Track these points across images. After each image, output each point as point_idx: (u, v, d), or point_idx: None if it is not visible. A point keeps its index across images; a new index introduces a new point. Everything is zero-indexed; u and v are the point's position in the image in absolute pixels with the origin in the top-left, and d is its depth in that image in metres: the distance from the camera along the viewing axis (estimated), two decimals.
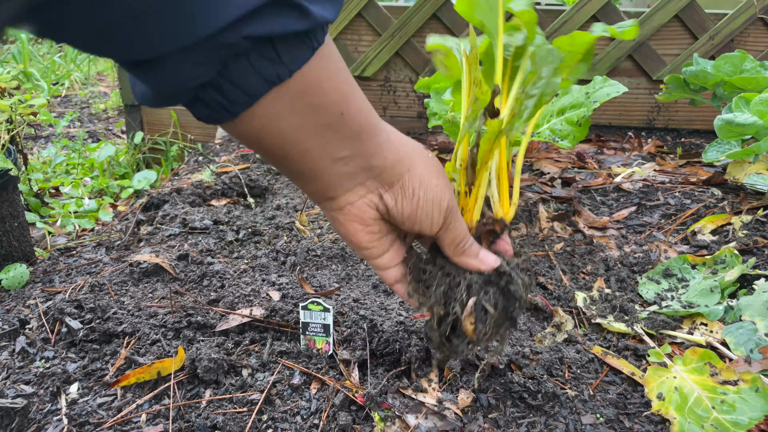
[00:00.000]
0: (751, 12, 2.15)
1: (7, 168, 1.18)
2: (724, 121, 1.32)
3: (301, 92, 0.44)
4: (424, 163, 0.57)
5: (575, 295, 1.06)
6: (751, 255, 1.16)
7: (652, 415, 0.78)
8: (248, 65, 0.40)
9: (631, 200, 1.54)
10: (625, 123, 2.39)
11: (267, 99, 0.43)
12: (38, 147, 2.61)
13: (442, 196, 0.57)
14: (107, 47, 0.38)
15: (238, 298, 1.01)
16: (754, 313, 0.93)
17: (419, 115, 2.44)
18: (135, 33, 0.36)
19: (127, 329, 0.93)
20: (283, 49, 0.41)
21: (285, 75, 0.42)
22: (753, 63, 1.61)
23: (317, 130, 0.48)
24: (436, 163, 0.59)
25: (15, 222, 1.26)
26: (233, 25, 0.37)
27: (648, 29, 2.21)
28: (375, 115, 0.53)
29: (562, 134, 1.31)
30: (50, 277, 1.20)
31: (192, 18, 0.36)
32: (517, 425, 0.76)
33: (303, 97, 0.45)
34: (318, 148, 0.49)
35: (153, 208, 1.54)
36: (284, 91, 0.43)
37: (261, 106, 0.43)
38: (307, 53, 0.43)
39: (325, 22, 0.42)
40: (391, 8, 2.32)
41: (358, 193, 0.55)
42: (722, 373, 0.80)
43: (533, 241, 1.30)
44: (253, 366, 0.85)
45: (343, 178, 0.53)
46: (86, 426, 0.75)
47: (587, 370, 0.87)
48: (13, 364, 0.89)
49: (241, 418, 0.76)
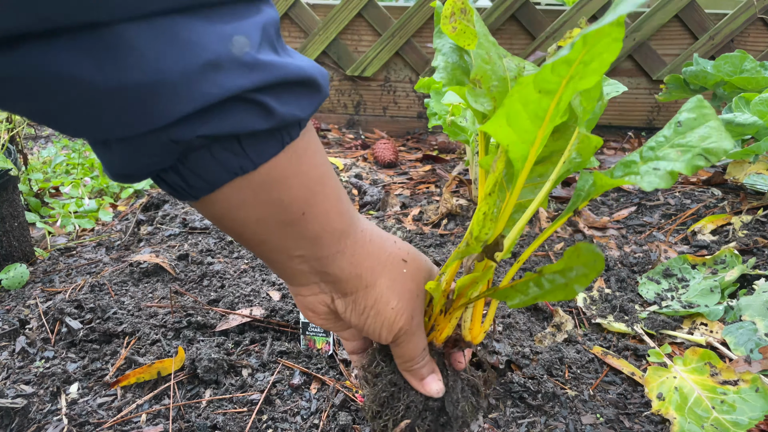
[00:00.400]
0: (751, 12, 2.15)
1: (7, 168, 1.18)
2: (724, 121, 1.32)
3: (265, 185, 0.42)
4: (389, 281, 0.54)
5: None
6: (751, 255, 1.16)
7: (652, 415, 0.78)
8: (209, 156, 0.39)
9: (631, 200, 1.54)
10: (625, 123, 2.39)
11: (229, 187, 0.41)
12: (38, 147, 2.61)
13: (395, 320, 0.55)
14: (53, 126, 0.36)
15: (238, 298, 1.01)
16: (754, 313, 0.93)
17: (419, 115, 2.44)
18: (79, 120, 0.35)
19: (127, 329, 0.93)
20: (248, 143, 0.39)
21: (249, 167, 0.40)
22: (753, 63, 1.61)
23: (277, 226, 0.46)
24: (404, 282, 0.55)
25: (15, 222, 1.26)
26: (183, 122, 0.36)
27: (648, 29, 2.20)
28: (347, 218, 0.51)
29: None
30: (50, 277, 1.20)
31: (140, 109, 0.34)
32: (517, 425, 0.76)
33: (266, 191, 0.43)
34: (275, 241, 0.48)
35: (153, 208, 1.54)
36: (247, 182, 0.41)
37: (222, 194, 0.42)
38: (276, 148, 0.41)
39: (295, 120, 0.41)
40: (391, 8, 2.32)
41: (311, 290, 0.54)
42: (722, 373, 0.80)
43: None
44: (253, 366, 0.85)
45: (296, 274, 0.52)
46: (86, 426, 0.75)
47: (587, 370, 0.87)
48: (13, 364, 0.89)
49: (241, 418, 0.76)
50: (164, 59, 0.33)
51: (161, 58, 0.33)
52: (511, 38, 2.30)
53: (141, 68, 0.32)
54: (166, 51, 0.33)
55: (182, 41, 0.33)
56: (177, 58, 0.33)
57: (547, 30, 2.23)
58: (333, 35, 2.30)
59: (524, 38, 2.29)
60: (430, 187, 1.70)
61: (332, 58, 2.31)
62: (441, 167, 1.90)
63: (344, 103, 2.41)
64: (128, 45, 0.32)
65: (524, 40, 2.29)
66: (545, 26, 2.24)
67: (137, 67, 0.32)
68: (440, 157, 2.01)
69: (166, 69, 0.33)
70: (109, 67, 0.32)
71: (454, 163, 1.94)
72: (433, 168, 1.88)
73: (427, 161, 1.99)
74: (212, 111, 0.36)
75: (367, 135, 2.35)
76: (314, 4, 2.35)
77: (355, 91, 2.39)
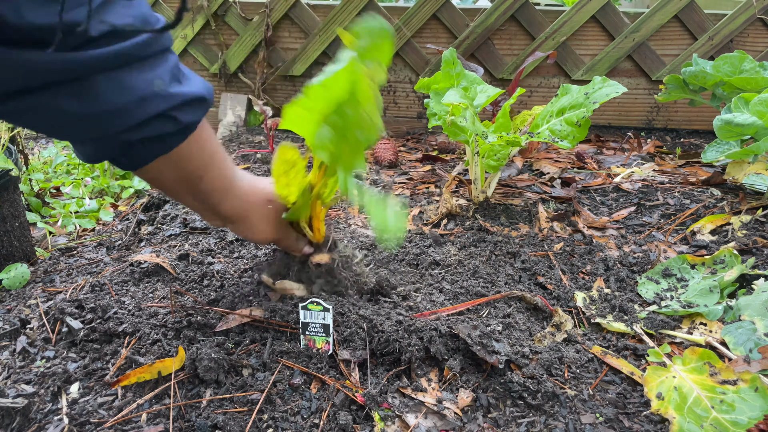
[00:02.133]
0: (750, 12, 2.15)
1: (8, 168, 1.18)
2: (723, 122, 1.33)
3: (175, 161, 0.71)
4: (258, 215, 0.87)
5: (575, 295, 1.07)
6: (751, 255, 1.16)
7: (651, 414, 0.78)
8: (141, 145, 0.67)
9: (630, 200, 1.54)
10: (624, 123, 2.39)
11: (156, 162, 0.70)
12: (39, 147, 2.61)
13: (266, 237, 0.91)
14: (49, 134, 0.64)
15: (238, 298, 1.01)
16: (753, 313, 0.93)
17: (419, 115, 2.44)
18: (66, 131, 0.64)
19: (127, 329, 0.93)
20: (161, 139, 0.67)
21: (166, 150, 0.69)
22: (752, 63, 1.61)
23: (185, 184, 0.76)
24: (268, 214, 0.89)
25: (16, 222, 1.26)
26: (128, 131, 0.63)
27: (647, 30, 2.21)
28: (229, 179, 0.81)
29: (562, 134, 1.31)
30: (51, 277, 1.21)
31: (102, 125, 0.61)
32: (516, 425, 0.77)
33: (176, 164, 0.72)
34: (185, 194, 0.79)
35: (154, 208, 1.54)
36: (164, 159, 0.70)
37: (150, 166, 0.70)
38: (181, 138, 0.69)
39: (191, 124, 0.68)
40: (391, 8, 2.32)
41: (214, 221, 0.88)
42: (721, 372, 0.80)
43: (533, 241, 1.30)
44: (254, 366, 0.85)
45: (202, 212, 0.85)
46: (87, 425, 0.76)
47: (587, 370, 0.88)
48: (13, 364, 0.89)
49: (241, 418, 0.76)
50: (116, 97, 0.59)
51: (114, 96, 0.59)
52: (511, 38, 2.30)
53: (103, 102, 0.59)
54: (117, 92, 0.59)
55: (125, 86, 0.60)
56: (123, 97, 0.60)
57: (547, 30, 2.23)
58: (333, 36, 2.30)
59: (524, 38, 2.29)
60: (430, 187, 1.70)
61: (333, 58, 2.32)
62: (441, 167, 1.90)
63: None
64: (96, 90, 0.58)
65: (524, 40, 2.29)
66: (545, 26, 2.25)
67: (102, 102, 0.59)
68: (440, 157, 2.01)
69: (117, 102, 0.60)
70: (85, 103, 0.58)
71: (454, 163, 1.95)
72: (433, 168, 1.89)
73: (427, 161, 1.99)
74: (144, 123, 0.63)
75: None
76: (314, 5, 2.35)
77: None
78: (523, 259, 1.21)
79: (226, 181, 0.81)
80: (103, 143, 0.66)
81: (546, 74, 2.35)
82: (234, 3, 2.37)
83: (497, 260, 1.20)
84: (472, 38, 2.27)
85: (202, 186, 0.77)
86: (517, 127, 1.50)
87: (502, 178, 1.71)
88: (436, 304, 1.01)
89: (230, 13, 2.39)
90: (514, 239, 1.30)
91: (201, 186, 0.77)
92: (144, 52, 0.61)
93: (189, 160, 0.73)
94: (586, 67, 2.28)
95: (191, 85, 0.67)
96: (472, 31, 2.25)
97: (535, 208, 1.47)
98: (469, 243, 1.28)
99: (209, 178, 0.77)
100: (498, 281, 1.10)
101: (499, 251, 1.25)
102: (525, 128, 1.47)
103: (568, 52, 2.28)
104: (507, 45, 2.31)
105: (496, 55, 2.31)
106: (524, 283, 1.13)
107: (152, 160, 0.69)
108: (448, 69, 1.47)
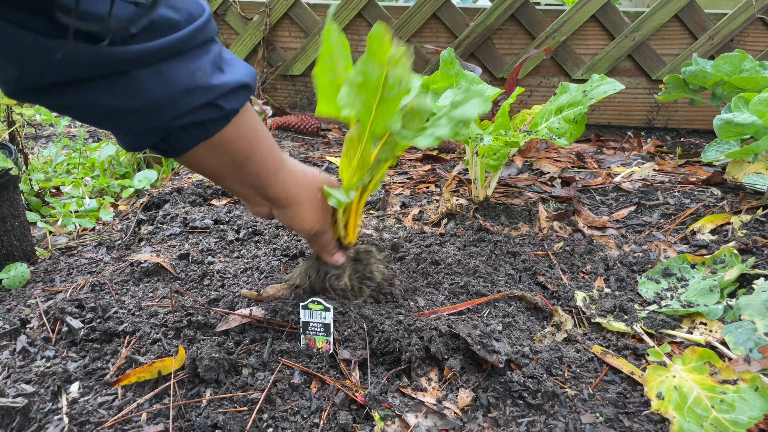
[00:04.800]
0: (750, 12, 2.15)
1: (8, 167, 1.18)
2: (723, 121, 1.33)
3: (219, 144, 0.70)
4: (308, 200, 0.85)
5: (575, 295, 1.07)
6: (751, 254, 1.16)
7: (651, 414, 0.78)
8: (184, 132, 0.66)
9: (630, 200, 1.54)
10: (624, 123, 2.39)
11: (198, 147, 0.69)
12: (39, 147, 2.61)
13: (311, 226, 0.88)
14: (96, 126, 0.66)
15: (238, 298, 1.01)
16: (754, 313, 0.93)
17: None
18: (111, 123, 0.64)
19: (127, 328, 0.93)
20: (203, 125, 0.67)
21: (209, 135, 0.68)
22: (752, 63, 1.61)
23: (231, 167, 0.74)
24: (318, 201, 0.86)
25: (16, 221, 1.26)
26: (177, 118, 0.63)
27: (647, 29, 2.21)
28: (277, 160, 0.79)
29: (560, 132, 1.31)
30: (51, 277, 1.21)
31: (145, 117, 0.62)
32: (516, 424, 0.77)
33: (221, 147, 0.70)
34: (231, 177, 0.77)
35: (154, 208, 1.54)
36: (208, 144, 0.69)
37: (194, 151, 0.69)
38: (224, 122, 0.68)
39: (234, 110, 0.68)
40: (391, 8, 2.32)
41: (258, 205, 0.85)
42: (721, 372, 0.80)
43: (533, 240, 1.30)
44: (254, 365, 0.85)
45: (248, 196, 0.83)
46: (87, 425, 0.76)
47: (587, 370, 0.88)
48: (13, 364, 0.89)
49: (241, 417, 0.76)
50: (158, 90, 0.59)
51: (157, 90, 0.59)
52: (511, 38, 2.30)
53: (145, 97, 0.59)
54: (159, 85, 0.59)
55: (168, 79, 0.59)
56: (165, 90, 0.60)
57: (547, 30, 2.23)
58: None
59: (524, 38, 2.29)
60: (430, 187, 1.70)
61: None
62: (441, 167, 1.90)
63: None
64: (139, 84, 0.58)
65: (524, 40, 2.29)
66: (545, 26, 2.25)
67: (143, 96, 0.59)
68: (440, 156, 2.01)
69: (159, 97, 0.60)
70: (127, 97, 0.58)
71: (454, 163, 1.95)
72: (433, 168, 1.89)
73: (427, 161, 1.99)
74: (187, 114, 0.63)
75: None
76: (314, 4, 2.35)
77: None
78: (523, 258, 1.21)
79: (276, 161, 0.79)
80: (144, 134, 0.65)
81: (546, 74, 2.35)
82: (234, 2, 2.36)
83: (497, 260, 1.20)
84: (472, 38, 2.27)
85: (249, 167, 0.75)
86: (517, 127, 1.50)
87: (502, 178, 1.71)
88: (436, 303, 1.01)
89: (230, 13, 2.39)
90: (514, 239, 1.30)
91: (248, 168, 0.75)
92: (188, 45, 0.60)
93: (233, 143, 0.71)
94: (586, 66, 2.28)
95: (234, 72, 0.66)
96: (472, 30, 2.25)
97: (535, 208, 1.47)
98: (469, 242, 1.28)
99: (257, 159, 0.75)
100: (498, 281, 1.10)
101: (499, 251, 1.25)
102: (524, 127, 1.47)
103: (569, 52, 2.28)
104: (507, 44, 2.31)
105: (496, 55, 2.31)
106: (524, 282, 1.13)
107: (194, 146, 0.68)
108: (447, 69, 1.47)
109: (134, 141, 0.67)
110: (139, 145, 0.67)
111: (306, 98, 2.51)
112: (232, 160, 0.73)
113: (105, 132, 2.89)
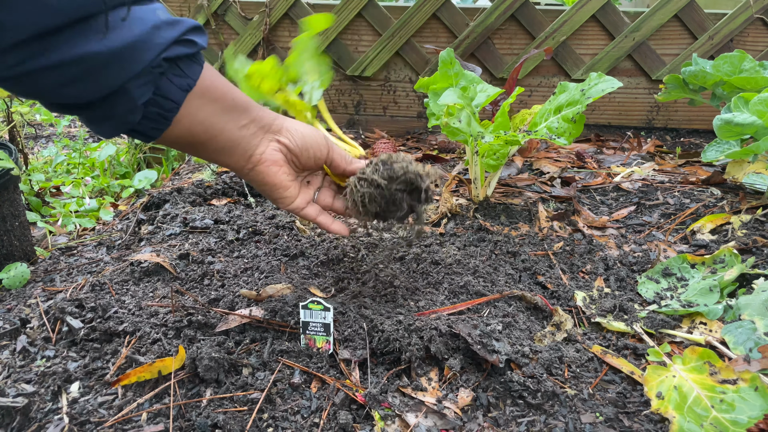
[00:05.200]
0: (750, 12, 2.15)
1: (8, 167, 1.18)
2: (723, 121, 1.33)
3: (203, 92, 0.72)
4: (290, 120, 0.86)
5: (575, 295, 1.07)
6: (750, 254, 1.16)
7: (651, 413, 0.78)
8: (169, 82, 0.68)
9: (630, 200, 1.54)
10: (624, 123, 2.39)
11: (186, 103, 0.70)
12: (39, 147, 2.61)
13: (317, 133, 0.87)
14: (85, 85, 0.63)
15: (238, 298, 1.01)
16: (753, 312, 0.93)
17: (419, 114, 2.44)
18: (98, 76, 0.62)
19: (127, 328, 0.93)
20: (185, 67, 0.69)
21: (192, 83, 0.70)
22: (752, 63, 1.61)
23: (223, 112, 0.76)
24: None
25: (16, 221, 1.26)
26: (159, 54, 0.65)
27: (647, 29, 2.21)
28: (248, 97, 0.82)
29: (559, 131, 1.31)
30: (51, 277, 1.21)
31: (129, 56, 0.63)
32: (516, 424, 0.77)
33: (206, 94, 0.73)
34: (228, 124, 0.77)
35: (154, 208, 1.54)
36: (193, 94, 0.71)
37: (184, 108, 0.71)
38: (199, 67, 0.71)
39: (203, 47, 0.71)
40: (391, 8, 2.32)
41: (263, 144, 0.82)
42: (721, 372, 0.80)
43: (533, 240, 1.30)
44: (254, 365, 0.85)
45: (250, 138, 0.81)
46: (87, 425, 0.76)
47: (587, 369, 0.88)
48: (14, 363, 0.89)
49: (241, 417, 0.76)
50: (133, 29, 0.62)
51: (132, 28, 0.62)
52: (511, 38, 2.30)
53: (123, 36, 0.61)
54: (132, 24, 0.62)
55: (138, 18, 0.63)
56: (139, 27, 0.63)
57: (547, 30, 2.23)
58: (333, 35, 2.30)
59: (524, 38, 2.29)
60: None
61: (332, 57, 2.32)
62: (441, 167, 1.90)
63: (344, 102, 2.42)
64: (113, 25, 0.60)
65: (524, 40, 2.29)
66: (545, 26, 2.25)
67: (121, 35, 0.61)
68: (440, 156, 2.01)
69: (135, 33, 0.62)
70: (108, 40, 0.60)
71: (454, 163, 1.95)
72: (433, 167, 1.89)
73: (427, 161, 1.99)
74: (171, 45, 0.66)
75: (367, 135, 2.35)
76: (314, 4, 2.35)
77: (355, 91, 2.39)
78: (523, 258, 1.21)
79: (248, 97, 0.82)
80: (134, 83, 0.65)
81: (546, 74, 2.35)
82: (234, 2, 2.37)
83: (497, 259, 1.20)
84: (472, 38, 2.27)
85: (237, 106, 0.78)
86: (517, 126, 1.50)
87: (502, 178, 1.71)
88: (436, 303, 1.01)
89: (230, 13, 2.39)
90: (514, 238, 1.30)
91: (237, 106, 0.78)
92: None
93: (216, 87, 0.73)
94: (586, 66, 2.28)
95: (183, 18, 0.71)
96: (472, 30, 2.25)
97: (535, 208, 1.47)
98: (469, 242, 1.28)
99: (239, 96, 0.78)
100: (498, 280, 1.10)
101: (499, 250, 1.25)
102: (524, 127, 1.47)
103: (569, 52, 2.28)
104: (507, 44, 2.31)
105: (496, 55, 2.31)
106: (524, 282, 1.13)
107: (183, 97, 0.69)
108: (446, 69, 1.47)
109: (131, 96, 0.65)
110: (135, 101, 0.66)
111: None
112: (222, 104, 0.75)
113: None
